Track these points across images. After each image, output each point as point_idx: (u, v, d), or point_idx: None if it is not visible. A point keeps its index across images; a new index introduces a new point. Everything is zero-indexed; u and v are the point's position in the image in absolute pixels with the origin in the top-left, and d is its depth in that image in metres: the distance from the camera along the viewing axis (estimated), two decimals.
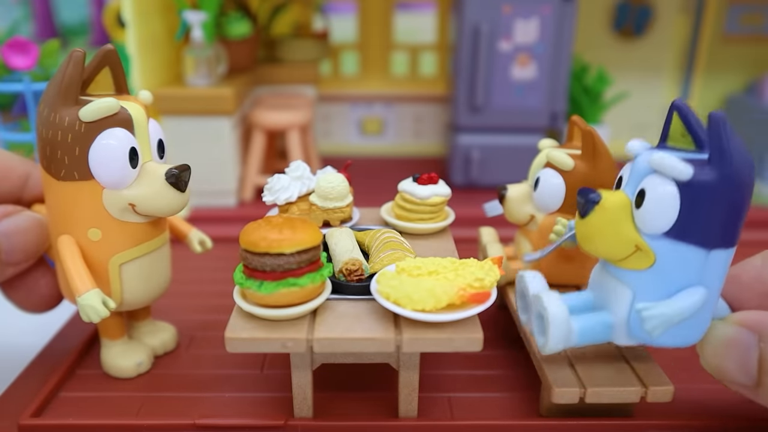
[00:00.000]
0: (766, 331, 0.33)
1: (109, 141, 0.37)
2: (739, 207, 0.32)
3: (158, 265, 0.43)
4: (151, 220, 0.41)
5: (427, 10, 1.12)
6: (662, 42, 0.99)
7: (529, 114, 0.83)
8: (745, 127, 0.95)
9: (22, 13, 1.63)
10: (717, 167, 0.31)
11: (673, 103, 0.34)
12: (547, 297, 0.36)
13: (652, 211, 0.32)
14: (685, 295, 0.33)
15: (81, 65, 0.37)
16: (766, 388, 0.33)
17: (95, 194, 0.38)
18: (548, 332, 0.35)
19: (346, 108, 1.03)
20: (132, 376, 0.44)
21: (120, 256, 0.40)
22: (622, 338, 0.36)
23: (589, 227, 0.34)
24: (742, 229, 0.33)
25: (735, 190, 0.31)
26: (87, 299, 0.37)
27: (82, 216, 0.38)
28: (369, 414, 0.41)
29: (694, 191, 0.31)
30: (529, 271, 0.40)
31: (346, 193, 0.46)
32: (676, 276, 0.33)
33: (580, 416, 0.39)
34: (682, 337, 0.34)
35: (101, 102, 0.37)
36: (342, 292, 0.39)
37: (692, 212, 0.31)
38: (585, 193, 0.33)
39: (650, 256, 0.33)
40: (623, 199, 0.34)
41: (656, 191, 0.32)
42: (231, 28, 0.82)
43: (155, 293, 0.43)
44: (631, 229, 0.33)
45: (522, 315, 0.40)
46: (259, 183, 0.82)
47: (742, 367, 0.34)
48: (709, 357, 0.35)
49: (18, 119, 0.85)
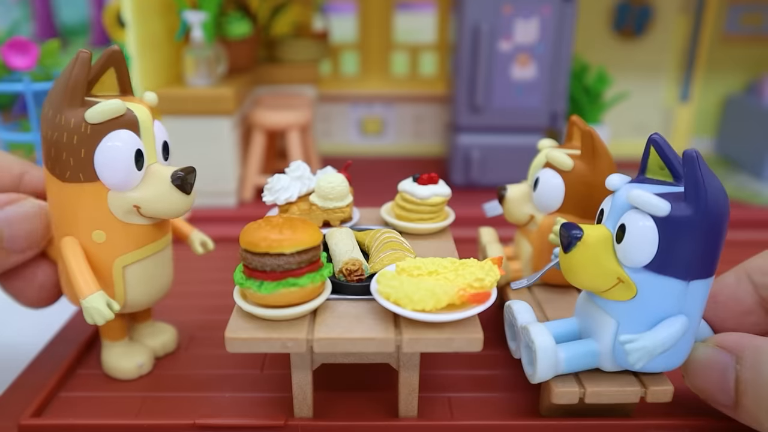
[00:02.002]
0: (742, 353, 0.34)
1: (115, 143, 0.37)
2: (715, 239, 0.33)
3: (161, 267, 0.43)
4: (156, 222, 0.41)
5: (427, 10, 1.12)
6: (662, 42, 0.99)
7: (529, 114, 0.83)
8: (746, 127, 0.95)
9: (22, 13, 1.63)
10: (693, 203, 0.32)
11: (650, 138, 0.35)
12: (534, 329, 0.37)
13: (633, 246, 0.33)
14: (666, 325, 0.34)
15: (87, 66, 0.37)
16: (744, 408, 0.34)
17: (100, 196, 0.38)
18: (536, 363, 0.36)
19: (346, 108, 1.03)
20: (133, 377, 0.44)
21: (124, 258, 0.40)
22: (608, 365, 0.37)
23: (573, 261, 0.35)
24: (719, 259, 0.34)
25: (711, 223, 0.32)
26: (91, 302, 0.37)
27: (87, 218, 0.38)
28: (369, 414, 0.41)
29: (672, 226, 0.32)
30: (517, 302, 0.40)
31: (346, 193, 0.46)
32: (657, 306, 0.34)
33: (580, 416, 0.39)
34: (665, 363, 0.36)
35: (107, 104, 0.36)
36: (342, 292, 0.39)
37: (671, 246, 0.33)
38: (568, 229, 0.34)
39: (632, 288, 0.34)
40: (605, 233, 0.35)
41: (636, 226, 0.33)
42: (231, 28, 0.82)
43: (158, 295, 0.43)
44: (613, 263, 0.34)
45: (511, 343, 0.41)
46: (259, 183, 0.82)
47: (721, 388, 0.35)
48: (690, 377, 0.37)
49: (18, 119, 0.85)
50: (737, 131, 0.98)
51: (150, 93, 0.41)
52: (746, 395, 0.34)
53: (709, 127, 1.04)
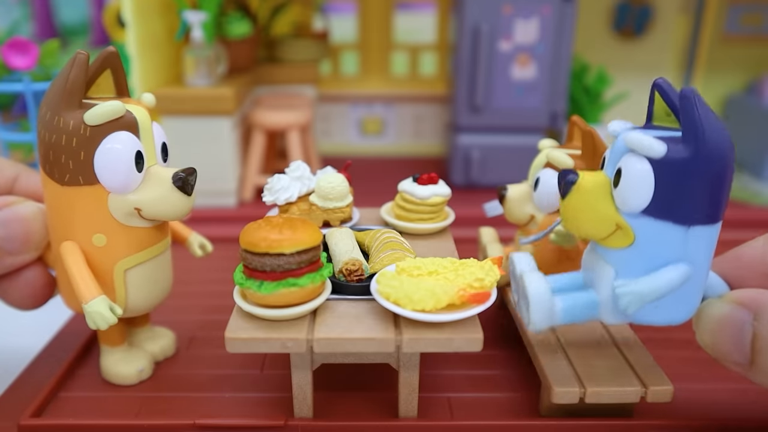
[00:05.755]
0: (760, 310, 0.33)
1: (115, 145, 0.36)
2: (717, 182, 0.31)
3: (161, 270, 0.42)
4: (156, 224, 0.40)
5: (427, 10, 1.12)
6: (662, 42, 0.99)
7: (529, 114, 0.83)
8: (746, 127, 0.95)
9: (22, 13, 1.63)
10: (690, 144, 0.31)
11: (654, 83, 0.34)
12: (529, 276, 0.36)
13: (629, 190, 0.32)
14: (663, 272, 0.33)
15: (85, 68, 0.36)
16: (760, 367, 0.33)
17: (100, 199, 0.37)
18: (530, 310, 0.35)
19: (346, 108, 1.03)
20: (134, 383, 0.44)
21: (125, 262, 0.39)
22: (608, 316, 0.35)
23: (570, 207, 0.34)
24: (726, 204, 0.33)
25: (710, 165, 0.31)
26: (94, 306, 0.37)
27: (87, 221, 0.38)
28: (369, 414, 0.41)
29: (668, 168, 0.31)
30: (519, 252, 0.39)
31: (346, 193, 0.46)
32: (656, 253, 0.33)
33: (580, 416, 0.39)
34: (667, 314, 0.34)
35: (107, 105, 0.36)
36: (342, 292, 0.39)
37: (667, 190, 0.31)
38: (564, 175, 0.34)
39: (630, 234, 0.33)
40: (601, 178, 0.34)
41: (631, 170, 0.32)
42: (231, 28, 0.82)
43: (158, 299, 0.43)
44: (611, 208, 0.33)
45: (514, 295, 0.40)
46: (259, 183, 0.82)
47: (736, 346, 0.33)
48: (703, 334, 0.35)
49: (18, 119, 0.85)
50: (737, 131, 0.98)
51: (148, 94, 0.40)
52: (763, 354, 0.32)
53: None
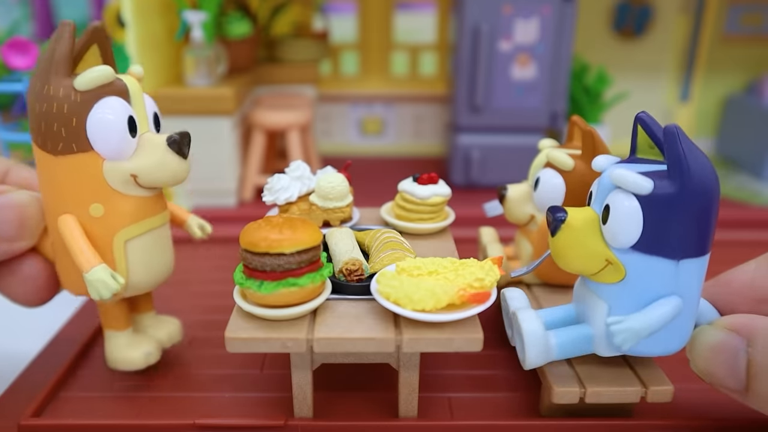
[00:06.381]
0: (753, 336, 0.33)
1: (106, 110, 0.36)
2: (704, 216, 0.32)
3: (161, 245, 0.42)
4: (153, 194, 0.40)
5: (427, 10, 1.12)
6: (662, 42, 0.99)
7: (529, 114, 0.83)
8: (746, 127, 0.95)
9: (22, 13, 1.63)
10: (676, 179, 0.31)
11: (636, 116, 0.34)
12: (522, 314, 0.36)
13: (618, 226, 0.33)
14: (656, 307, 0.33)
15: (72, 37, 0.36)
16: (755, 392, 0.33)
17: (96, 167, 0.37)
18: (525, 349, 0.36)
19: (346, 108, 1.03)
20: (141, 367, 0.42)
21: (124, 232, 0.39)
22: (603, 350, 0.36)
23: (560, 245, 0.34)
24: (714, 236, 0.33)
25: (696, 199, 0.31)
26: (95, 274, 0.36)
27: (83, 191, 0.37)
28: (369, 414, 0.41)
29: (656, 204, 0.32)
30: (511, 289, 0.40)
31: (346, 193, 0.46)
32: (647, 287, 0.34)
33: (580, 416, 0.39)
34: (662, 346, 0.35)
35: (96, 70, 0.36)
36: (342, 292, 0.39)
37: (657, 225, 0.32)
38: (553, 212, 0.34)
39: (621, 269, 0.33)
40: (590, 215, 0.34)
41: (619, 207, 0.32)
42: (231, 28, 0.82)
43: (160, 276, 0.42)
44: (600, 245, 0.34)
45: (508, 330, 0.41)
46: (259, 183, 0.82)
47: (731, 372, 0.33)
48: (698, 361, 0.35)
49: (18, 119, 0.85)
50: (737, 131, 0.98)
51: (136, 65, 0.40)
52: (758, 379, 0.32)
53: (709, 127, 1.04)
